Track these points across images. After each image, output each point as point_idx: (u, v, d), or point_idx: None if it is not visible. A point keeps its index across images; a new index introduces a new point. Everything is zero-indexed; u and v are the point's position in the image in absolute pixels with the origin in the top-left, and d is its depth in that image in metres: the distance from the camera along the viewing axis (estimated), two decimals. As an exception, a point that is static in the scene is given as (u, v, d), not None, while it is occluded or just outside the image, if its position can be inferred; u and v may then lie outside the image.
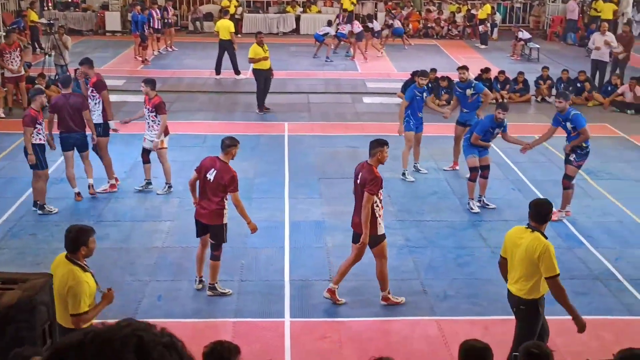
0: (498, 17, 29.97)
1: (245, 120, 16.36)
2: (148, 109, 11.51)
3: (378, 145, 8.30)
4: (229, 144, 8.50)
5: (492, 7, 29.32)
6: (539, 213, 6.59)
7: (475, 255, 9.76)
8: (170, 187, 11.80)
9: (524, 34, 25.01)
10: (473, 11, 29.31)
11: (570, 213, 11.04)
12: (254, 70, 16.93)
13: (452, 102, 13.83)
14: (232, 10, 26.27)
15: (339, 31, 24.49)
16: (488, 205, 11.48)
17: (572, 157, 10.82)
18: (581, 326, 6.50)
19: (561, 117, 10.80)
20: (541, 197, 11.68)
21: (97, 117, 11.68)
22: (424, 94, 12.73)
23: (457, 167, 12.98)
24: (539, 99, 18.63)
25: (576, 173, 11.00)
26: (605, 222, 10.95)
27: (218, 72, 20.43)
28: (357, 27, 23.99)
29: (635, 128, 16.19)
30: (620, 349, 3.91)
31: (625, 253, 9.87)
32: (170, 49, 24.63)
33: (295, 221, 10.76)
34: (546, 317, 8.21)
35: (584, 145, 10.70)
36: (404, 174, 12.62)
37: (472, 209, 11.23)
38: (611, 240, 10.32)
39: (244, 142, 14.55)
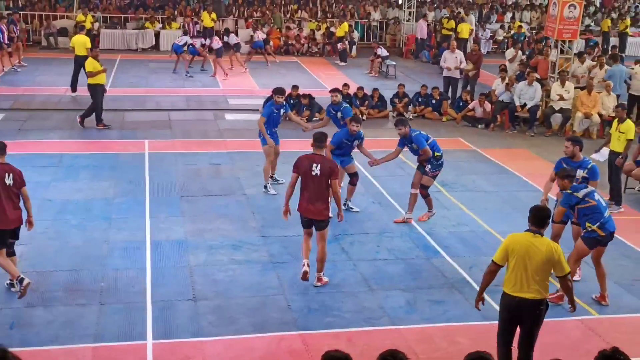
0: (356, 35, 30.79)
1: (104, 139, 15.90)
2: None
3: (326, 138, 9.39)
4: (4, 146, 8.72)
5: (350, 26, 30.10)
6: (539, 217, 6.96)
7: (338, 268, 9.90)
8: None
9: (383, 51, 25.86)
10: (332, 29, 29.95)
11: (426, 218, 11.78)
12: (90, 86, 16.54)
13: (323, 119, 13.91)
14: (88, 25, 25.51)
15: (190, 46, 24.19)
16: (352, 209, 11.99)
17: (427, 168, 11.42)
18: (574, 308, 7.23)
19: (405, 141, 11.45)
20: (398, 208, 12.09)
21: None
22: (281, 111, 12.82)
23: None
24: (395, 114, 19.25)
25: (432, 183, 11.62)
26: (459, 232, 11.43)
27: (74, 89, 19.76)
28: (217, 43, 23.90)
29: (485, 141, 17.04)
30: (468, 352, 4.07)
31: (478, 261, 10.31)
32: (17, 65, 23.55)
33: (156, 241, 10.54)
34: (408, 327, 8.49)
35: (437, 154, 11.32)
36: (265, 187, 12.73)
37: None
38: (465, 249, 10.77)
39: (102, 161, 14.28)
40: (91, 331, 8.06)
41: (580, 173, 9.58)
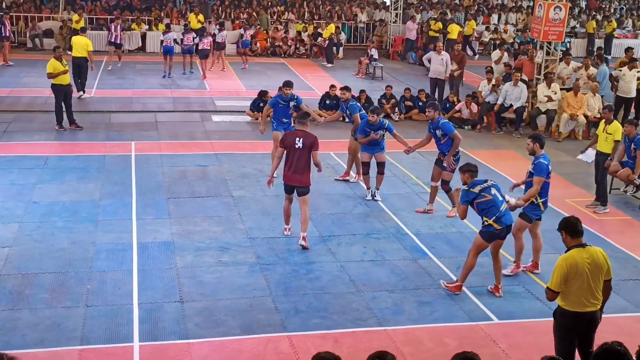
0: (343, 37, 30.80)
1: (90, 141, 15.82)
2: None
3: (308, 116, 10.75)
4: None
5: (337, 27, 30.10)
6: (576, 229, 6.84)
7: (325, 270, 9.90)
8: None
9: (375, 53, 26.07)
10: (319, 30, 29.94)
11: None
12: (53, 86, 16.45)
13: (335, 113, 14.94)
14: (75, 27, 25.31)
15: (182, 45, 23.97)
16: (375, 197, 12.61)
17: (445, 163, 11.86)
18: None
19: (432, 126, 11.93)
20: (385, 209, 12.10)
21: None
22: (290, 103, 13.19)
23: (348, 177, 13.66)
24: (382, 115, 19.26)
25: (451, 177, 12.04)
26: (446, 233, 11.46)
27: (77, 89, 19.36)
28: (203, 44, 23.80)
29: (473, 143, 17.08)
30: (456, 353, 4.07)
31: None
32: None
33: (143, 243, 10.50)
34: (395, 328, 8.49)
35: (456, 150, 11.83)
36: None
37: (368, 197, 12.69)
38: (452, 250, 10.80)
39: (88, 163, 14.21)
40: (77, 334, 8.02)
41: (530, 167, 9.80)
